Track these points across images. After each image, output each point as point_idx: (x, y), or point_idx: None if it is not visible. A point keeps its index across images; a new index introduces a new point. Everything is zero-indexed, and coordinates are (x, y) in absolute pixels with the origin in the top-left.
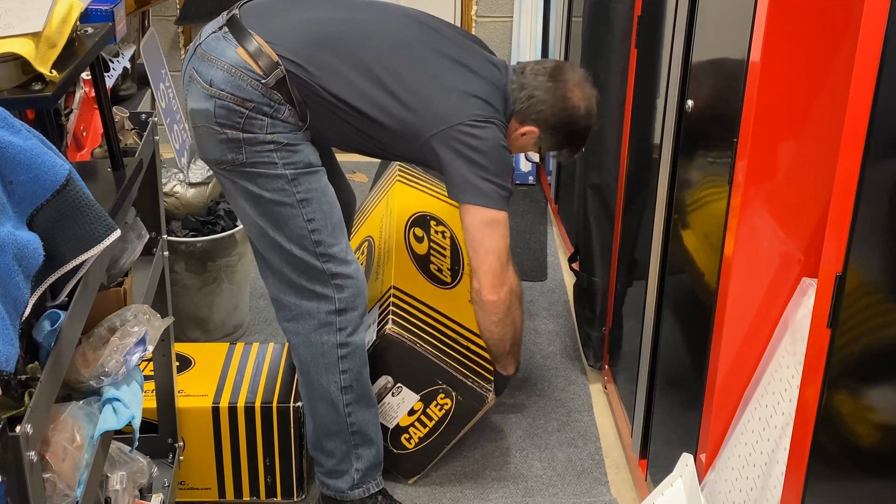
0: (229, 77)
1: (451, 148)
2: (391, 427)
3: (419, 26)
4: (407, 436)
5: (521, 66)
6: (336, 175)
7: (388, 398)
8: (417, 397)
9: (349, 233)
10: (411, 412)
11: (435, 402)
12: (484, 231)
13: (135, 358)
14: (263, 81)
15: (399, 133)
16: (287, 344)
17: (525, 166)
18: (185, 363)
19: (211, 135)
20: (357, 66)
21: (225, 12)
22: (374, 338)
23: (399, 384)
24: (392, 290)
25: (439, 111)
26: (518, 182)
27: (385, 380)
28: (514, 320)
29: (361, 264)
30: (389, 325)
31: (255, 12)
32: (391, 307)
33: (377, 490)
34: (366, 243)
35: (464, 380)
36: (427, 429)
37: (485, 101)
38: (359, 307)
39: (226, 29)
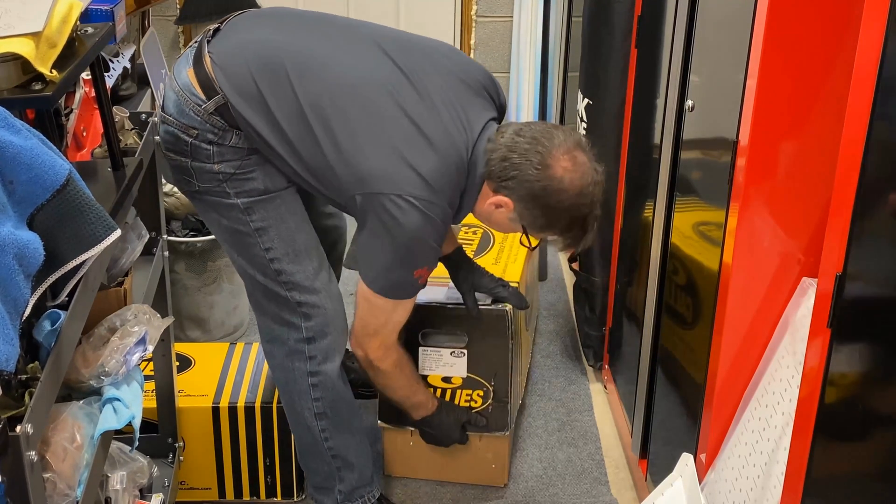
0: (176, 100)
1: (370, 212)
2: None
3: (385, 65)
4: None
5: (505, 126)
6: (320, 210)
7: (444, 350)
8: (465, 374)
9: (338, 270)
10: (445, 380)
11: (470, 391)
12: (361, 303)
13: (135, 358)
14: (203, 107)
15: (321, 181)
16: None
17: None
18: (185, 363)
19: (166, 160)
20: (288, 104)
21: (221, 21)
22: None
23: (464, 350)
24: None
25: (369, 172)
26: None
27: (460, 338)
28: (384, 385)
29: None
30: (510, 309)
31: (230, 28)
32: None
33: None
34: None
35: (510, 399)
36: None
37: (422, 179)
38: (329, 335)
39: (196, 45)
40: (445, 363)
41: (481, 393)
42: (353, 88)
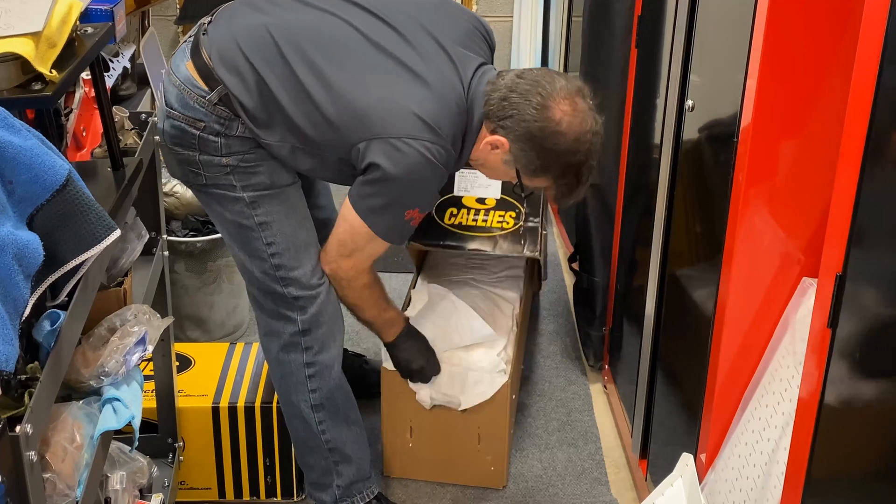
0: (179, 94)
1: (372, 159)
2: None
3: (372, 21)
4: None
5: (506, 70)
6: (314, 204)
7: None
8: (499, 196)
9: None
10: (480, 201)
11: (503, 213)
12: (343, 224)
13: (135, 358)
14: (207, 98)
15: (322, 138)
16: None
17: None
18: (185, 363)
19: (171, 154)
20: (280, 70)
21: (212, 13)
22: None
23: None
24: None
25: (369, 119)
26: None
27: None
28: (353, 304)
29: None
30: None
31: (220, 17)
32: None
33: (368, 500)
34: None
35: (541, 223)
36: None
37: (422, 121)
38: (324, 324)
39: (192, 38)
40: (481, 185)
41: (514, 214)
42: (343, 44)
